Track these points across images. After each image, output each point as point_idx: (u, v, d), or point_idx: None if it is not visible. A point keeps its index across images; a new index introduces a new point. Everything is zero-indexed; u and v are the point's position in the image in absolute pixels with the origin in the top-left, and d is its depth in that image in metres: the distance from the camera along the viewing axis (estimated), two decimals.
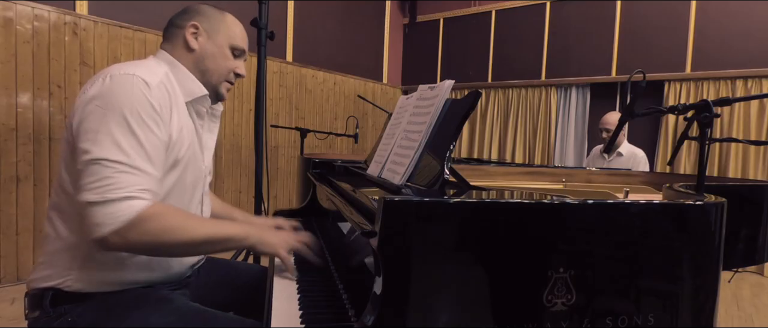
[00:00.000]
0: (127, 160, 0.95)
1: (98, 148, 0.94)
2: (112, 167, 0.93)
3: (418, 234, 0.71)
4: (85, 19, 3.30)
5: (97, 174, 0.93)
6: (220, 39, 1.23)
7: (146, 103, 1.01)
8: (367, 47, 5.87)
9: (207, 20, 1.22)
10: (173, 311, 1.07)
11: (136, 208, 0.93)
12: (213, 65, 1.23)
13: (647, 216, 0.80)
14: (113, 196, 0.91)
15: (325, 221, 1.55)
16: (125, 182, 0.93)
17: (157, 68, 1.13)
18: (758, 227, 1.72)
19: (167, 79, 1.13)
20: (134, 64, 1.07)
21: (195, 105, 1.22)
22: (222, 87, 1.27)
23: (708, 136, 1.18)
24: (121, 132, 0.96)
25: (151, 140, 1.00)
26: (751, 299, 3.53)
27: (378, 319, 0.70)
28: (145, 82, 1.02)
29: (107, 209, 0.91)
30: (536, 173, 2.19)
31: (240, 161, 4.41)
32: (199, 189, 1.25)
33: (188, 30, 1.20)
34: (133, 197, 0.93)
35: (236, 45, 1.25)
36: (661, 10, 4.53)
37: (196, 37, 1.21)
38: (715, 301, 0.84)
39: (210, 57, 1.22)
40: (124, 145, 0.95)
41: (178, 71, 1.19)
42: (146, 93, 1.01)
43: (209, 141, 1.31)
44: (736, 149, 4.29)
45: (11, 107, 2.99)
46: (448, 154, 0.94)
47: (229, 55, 1.25)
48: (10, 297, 2.84)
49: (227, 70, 1.25)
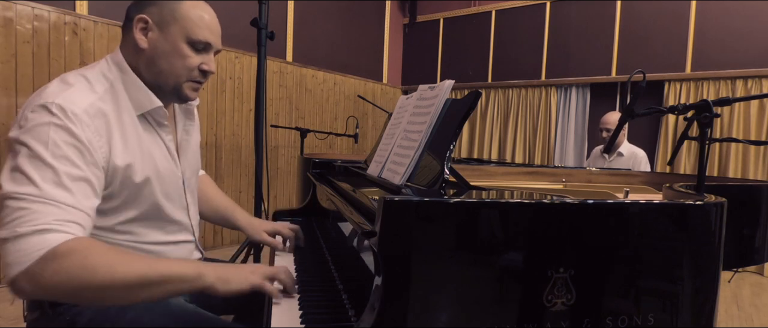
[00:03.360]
0: (38, 192, 0.83)
1: (11, 184, 0.84)
2: (23, 200, 0.82)
3: (418, 234, 0.71)
4: (85, 19, 3.30)
5: (9, 208, 0.82)
6: (174, 32, 1.03)
7: (64, 134, 0.89)
8: (367, 47, 5.87)
9: (158, 10, 1.03)
10: (169, 312, 1.07)
11: (49, 242, 0.80)
12: (167, 66, 1.05)
13: (647, 216, 0.80)
14: (23, 230, 0.80)
15: (325, 221, 1.55)
16: (38, 214, 0.81)
17: (98, 82, 1.01)
18: (755, 227, 1.72)
19: (110, 93, 1.01)
20: (66, 84, 0.97)
21: (151, 116, 1.08)
22: (185, 88, 1.08)
23: (708, 136, 1.18)
24: (34, 166, 0.85)
25: (71, 173, 0.88)
26: (751, 299, 3.53)
27: (378, 319, 0.70)
28: (63, 110, 0.90)
29: (18, 245, 0.79)
30: (536, 173, 2.19)
31: (240, 161, 4.41)
32: (178, 198, 1.17)
33: (136, 25, 1.03)
34: (48, 230, 0.81)
35: (195, 38, 1.05)
36: (661, 10, 4.53)
37: (146, 33, 1.04)
38: (715, 301, 0.84)
39: (162, 56, 1.04)
40: (37, 178, 0.84)
41: (127, 79, 1.04)
42: (66, 123, 0.90)
43: (186, 142, 1.22)
44: (736, 149, 4.29)
45: (11, 107, 2.99)
46: (448, 154, 0.94)
47: (188, 52, 1.05)
48: (10, 297, 2.84)
49: (187, 70, 1.06)
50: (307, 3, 4.94)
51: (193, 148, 1.27)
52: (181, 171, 1.19)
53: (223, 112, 4.24)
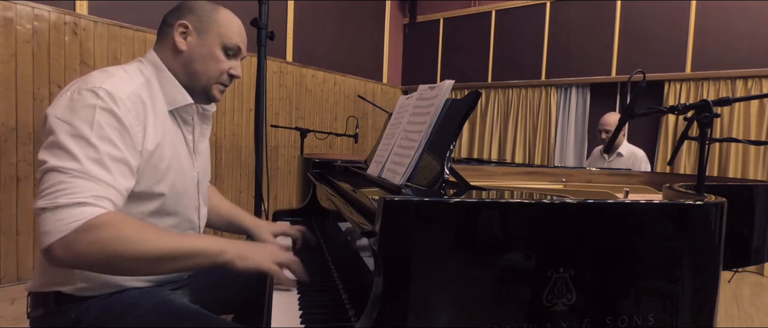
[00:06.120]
0: (80, 167, 0.90)
1: (53, 159, 0.90)
2: (65, 174, 0.88)
3: (419, 234, 0.71)
4: (85, 19, 3.30)
5: (50, 181, 0.88)
6: (211, 38, 1.15)
7: (109, 116, 0.96)
8: (367, 47, 5.86)
9: (198, 18, 1.15)
10: (172, 312, 1.08)
11: (86, 214, 0.86)
12: (202, 68, 1.15)
13: (647, 216, 0.80)
14: (63, 201, 0.86)
15: (325, 221, 1.55)
16: (77, 188, 0.88)
17: (136, 76, 1.09)
18: (751, 228, 1.71)
19: (147, 87, 1.09)
20: (108, 73, 1.04)
21: (179, 113, 1.17)
22: (213, 90, 1.19)
23: (708, 136, 1.18)
24: (78, 144, 0.91)
25: (112, 154, 0.94)
26: (751, 299, 3.53)
27: (378, 319, 0.70)
28: (110, 95, 0.97)
29: (56, 215, 0.85)
30: (536, 173, 2.19)
31: (240, 161, 4.41)
32: (191, 197, 1.21)
33: (177, 30, 1.13)
34: (85, 202, 0.87)
35: (229, 44, 1.17)
36: (661, 10, 4.53)
37: (185, 37, 1.14)
38: (715, 301, 0.84)
39: (199, 59, 1.15)
40: (80, 155, 0.91)
41: (163, 76, 1.13)
42: (112, 107, 0.97)
43: (201, 145, 1.27)
44: (736, 149, 4.29)
45: (11, 107, 2.99)
46: (448, 154, 0.94)
47: (221, 56, 1.17)
48: (10, 297, 2.84)
49: (218, 72, 1.17)
50: (307, 3, 4.93)
51: (206, 152, 1.32)
52: (197, 171, 1.24)
53: (223, 112, 4.24)
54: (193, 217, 1.23)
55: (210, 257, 0.96)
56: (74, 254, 0.86)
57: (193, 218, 1.23)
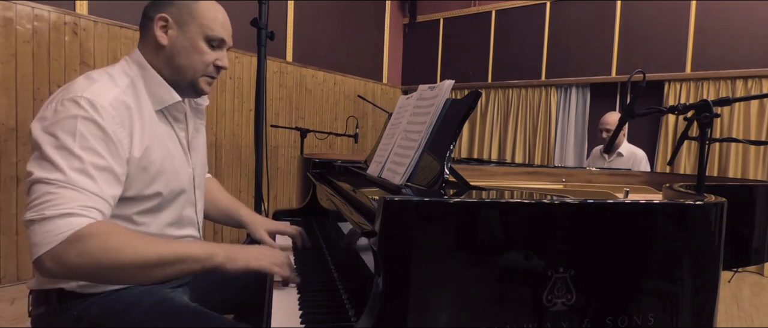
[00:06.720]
0: (64, 178, 0.89)
1: (39, 170, 0.90)
2: (51, 185, 0.88)
3: (419, 234, 0.71)
4: (85, 19, 3.30)
5: (37, 192, 0.88)
6: (193, 30, 1.11)
7: (92, 126, 0.95)
8: (367, 47, 5.86)
9: (177, 10, 1.10)
10: (172, 311, 1.08)
11: (74, 225, 0.86)
12: (186, 61, 1.12)
13: (647, 216, 0.80)
14: (50, 213, 0.86)
15: (325, 221, 1.55)
16: (63, 199, 0.88)
17: (120, 78, 1.07)
18: (751, 228, 1.71)
19: (132, 89, 1.07)
20: (91, 80, 1.02)
21: (169, 111, 1.15)
22: (200, 83, 1.16)
23: (708, 136, 1.18)
24: (62, 156, 0.91)
25: (96, 163, 0.94)
26: (751, 299, 3.53)
27: (378, 319, 0.70)
28: (92, 104, 0.96)
29: (44, 227, 0.85)
30: (536, 173, 2.19)
31: (240, 161, 4.41)
32: (188, 193, 1.21)
33: (157, 23, 1.10)
34: (72, 213, 0.87)
35: (212, 35, 1.12)
36: (661, 10, 4.53)
37: (166, 31, 1.10)
38: (715, 301, 0.84)
39: (182, 52, 1.11)
40: (64, 166, 0.90)
41: (148, 76, 1.11)
42: (93, 116, 0.95)
43: (196, 140, 1.26)
44: (736, 149, 4.29)
45: (11, 107, 2.99)
46: (448, 154, 0.94)
47: (205, 48, 1.13)
48: (10, 297, 2.84)
49: (203, 65, 1.14)
50: (307, 3, 4.93)
51: (202, 147, 1.31)
52: (192, 167, 1.23)
53: (223, 112, 4.24)
54: (189, 212, 1.23)
55: (200, 262, 0.95)
56: (64, 265, 0.85)
57: (190, 213, 1.23)
